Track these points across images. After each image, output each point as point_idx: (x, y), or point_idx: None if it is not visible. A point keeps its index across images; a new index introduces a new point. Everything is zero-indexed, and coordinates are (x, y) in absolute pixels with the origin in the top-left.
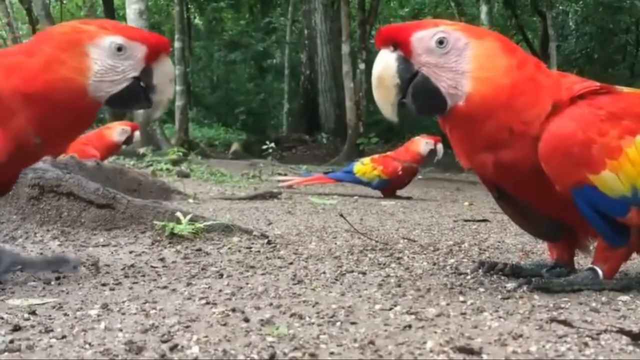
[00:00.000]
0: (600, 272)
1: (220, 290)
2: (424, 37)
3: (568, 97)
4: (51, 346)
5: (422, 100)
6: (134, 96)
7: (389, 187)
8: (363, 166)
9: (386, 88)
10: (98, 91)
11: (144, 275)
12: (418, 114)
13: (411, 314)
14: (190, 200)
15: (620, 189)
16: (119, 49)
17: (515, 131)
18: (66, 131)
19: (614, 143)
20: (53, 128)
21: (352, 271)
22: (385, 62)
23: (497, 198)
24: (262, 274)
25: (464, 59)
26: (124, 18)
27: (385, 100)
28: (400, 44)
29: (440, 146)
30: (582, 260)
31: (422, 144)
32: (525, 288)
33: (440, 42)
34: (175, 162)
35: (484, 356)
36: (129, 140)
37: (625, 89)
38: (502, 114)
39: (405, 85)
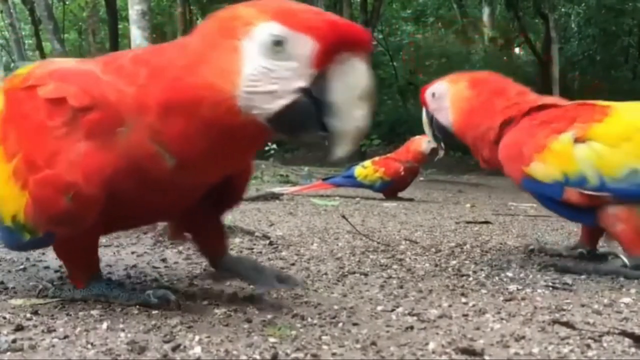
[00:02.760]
0: (624, 259)
1: (222, 291)
2: (426, 94)
3: (520, 114)
4: (53, 346)
5: (439, 131)
6: (301, 118)
7: (391, 188)
8: (364, 169)
9: (427, 128)
10: (251, 106)
11: (145, 276)
12: (444, 140)
13: (413, 315)
14: None
15: (551, 175)
16: (277, 42)
17: (478, 139)
18: (214, 156)
19: (540, 141)
20: (193, 150)
21: (354, 272)
22: (423, 113)
23: None
24: None
25: (446, 100)
26: (126, 19)
27: (428, 135)
28: (422, 101)
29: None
30: None
31: (423, 142)
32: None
33: (433, 94)
34: None
35: (486, 357)
36: None
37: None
38: (469, 129)
39: (431, 125)
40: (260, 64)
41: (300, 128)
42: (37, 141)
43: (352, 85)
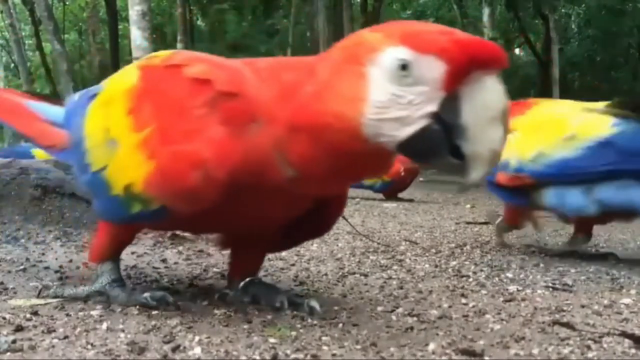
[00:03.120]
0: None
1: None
2: None
3: None
4: (53, 346)
5: None
6: (431, 144)
7: (391, 188)
8: None
9: None
10: (379, 134)
11: (146, 276)
12: None
13: (413, 316)
14: None
15: None
16: (403, 67)
17: None
18: (335, 175)
19: None
20: (315, 168)
21: (354, 273)
22: None
23: None
24: (264, 276)
25: None
26: (126, 19)
27: None
28: None
29: None
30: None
31: None
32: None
33: None
34: None
35: (486, 358)
36: None
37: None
38: None
39: None
40: (387, 90)
41: (430, 154)
42: (174, 116)
43: (486, 106)
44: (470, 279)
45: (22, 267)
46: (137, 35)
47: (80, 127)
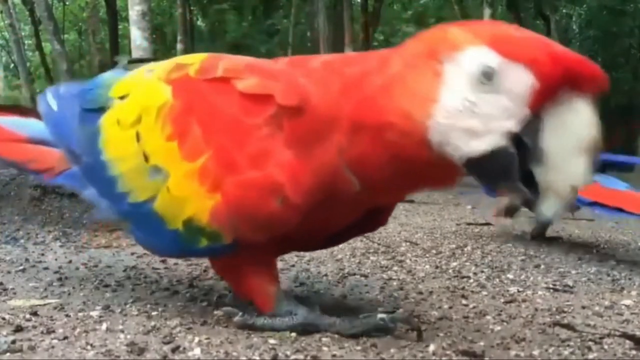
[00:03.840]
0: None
1: (222, 292)
2: None
3: None
4: (53, 347)
5: None
6: (502, 167)
7: None
8: None
9: None
10: (445, 143)
11: (145, 277)
12: None
13: (413, 316)
14: None
15: None
16: (486, 73)
17: None
18: (395, 184)
19: None
20: (374, 175)
21: (354, 274)
22: None
23: None
24: None
25: None
26: (126, 19)
27: None
28: None
29: None
30: None
31: None
32: None
33: None
34: None
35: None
36: None
37: None
38: None
39: None
40: (463, 95)
41: (499, 177)
42: (233, 139)
43: (573, 132)
44: (471, 280)
45: (21, 267)
46: (137, 36)
47: (94, 148)
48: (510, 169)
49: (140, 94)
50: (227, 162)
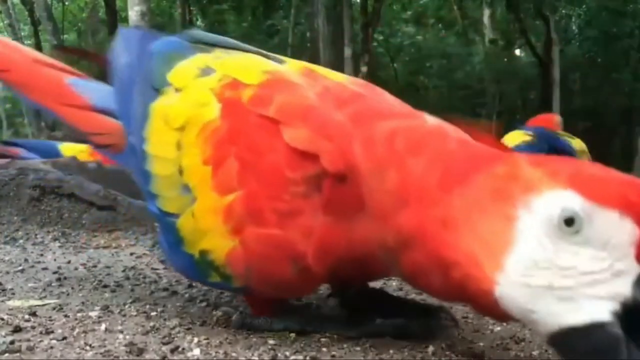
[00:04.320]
0: None
1: (221, 293)
2: None
3: None
4: (52, 347)
5: None
6: (601, 350)
7: None
8: None
9: None
10: (514, 304)
11: (144, 277)
12: None
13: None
14: None
15: None
16: (569, 220)
17: None
18: (447, 297)
19: None
20: (424, 282)
21: None
22: None
23: None
24: None
25: None
26: (126, 20)
27: None
28: None
29: None
30: None
31: None
32: None
33: None
34: None
35: None
36: None
37: None
38: None
39: None
40: (542, 244)
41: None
42: (267, 187)
43: None
44: None
45: (20, 267)
46: None
47: (140, 130)
48: (616, 353)
49: (191, 99)
50: (254, 210)
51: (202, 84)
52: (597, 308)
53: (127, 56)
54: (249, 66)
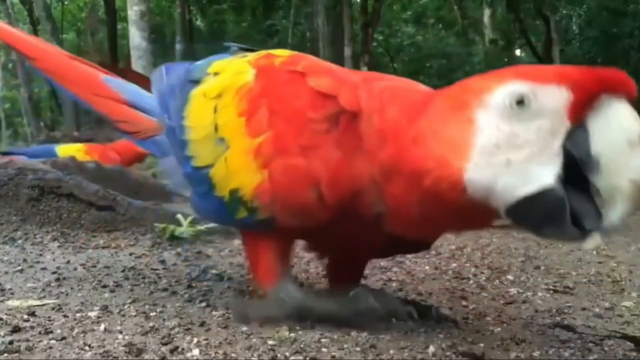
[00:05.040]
0: None
1: (221, 293)
2: None
3: None
4: (51, 347)
5: None
6: (550, 210)
7: None
8: None
9: None
10: (479, 186)
11: (144, 278)
12: None
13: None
14: None
15: None
16: (519, 101)
17: None
18: (428, 224)
19: None
20: (406, 213)
21: None
22: None
23: None
24: None
25: None
26: (125, 20)
27: None
28: None
29: None
30: None
31: None
32: None
33: None
34: None
35: None
36: None
37: None
38: None
39: None
40: (498, 128)
41: (547, 222)
42: (293, 127)
43: (622, 129)
44: (471, 281)
45: (19, 267)
46: (135, 35)
47: (180, 113)
48: (561, 211)
49: (228, 73)
50: (281, 145)
51: (240, 60)
52: (544, 174)
53: (168, 73)
54: (280, 50)
